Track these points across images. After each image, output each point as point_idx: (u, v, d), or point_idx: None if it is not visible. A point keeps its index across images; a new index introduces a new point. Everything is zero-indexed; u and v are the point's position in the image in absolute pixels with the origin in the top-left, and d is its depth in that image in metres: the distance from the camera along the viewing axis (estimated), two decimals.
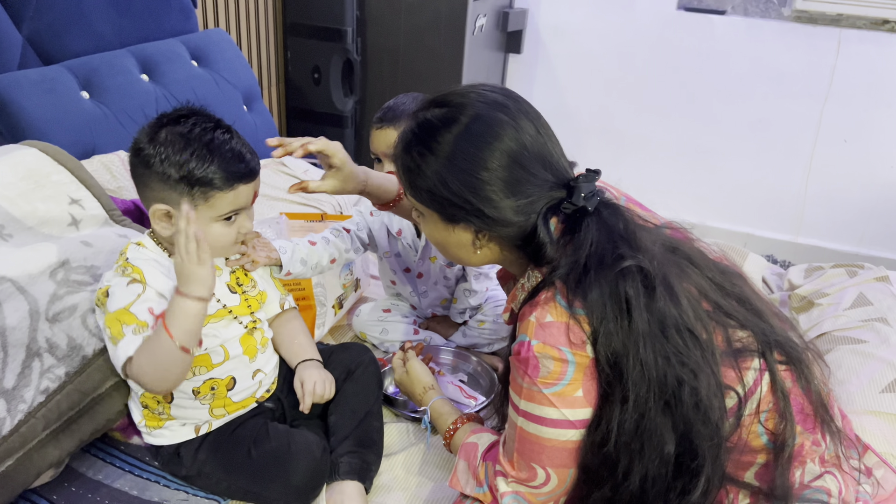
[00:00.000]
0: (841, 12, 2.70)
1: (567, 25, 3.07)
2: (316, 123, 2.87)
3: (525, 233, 0.93)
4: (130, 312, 1.04)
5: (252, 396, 1.21)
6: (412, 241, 1.56)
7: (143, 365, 1.03)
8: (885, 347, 1.43)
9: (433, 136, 0.93)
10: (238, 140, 1.11)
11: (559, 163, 0.95)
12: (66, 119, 1.70)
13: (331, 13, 2.65)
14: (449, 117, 0.94)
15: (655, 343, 0.85)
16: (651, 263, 0.87)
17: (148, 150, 1.06)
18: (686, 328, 0.86)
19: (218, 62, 2.19)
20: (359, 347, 1.34)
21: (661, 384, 0.85)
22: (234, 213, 1.11)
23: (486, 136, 0.91)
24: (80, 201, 1.35)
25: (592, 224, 0.90)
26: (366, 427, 1.22)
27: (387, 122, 1.46)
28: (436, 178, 0.93)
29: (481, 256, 0.99)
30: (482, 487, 1.02)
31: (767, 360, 0.91)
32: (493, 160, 0.91)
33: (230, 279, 1.19)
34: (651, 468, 0.87)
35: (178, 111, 1.10)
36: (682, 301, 0.87)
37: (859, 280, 1.68)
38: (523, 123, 0.93)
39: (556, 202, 0.92)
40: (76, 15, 1.83)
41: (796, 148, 2.92)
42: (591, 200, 0.90)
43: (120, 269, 1.09)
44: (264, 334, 1.23)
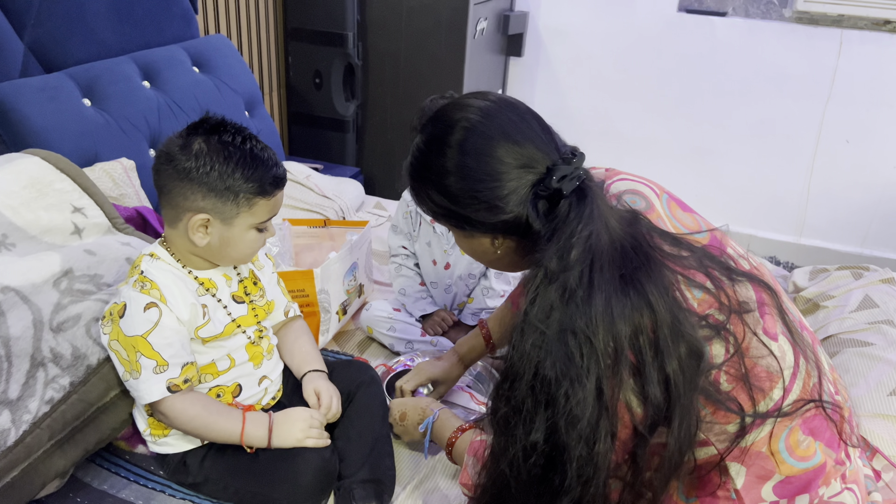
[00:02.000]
0: (842, 13, 2.70)
1: (568, 28, 3.07)
2: (317, 128, 2.87)
3: (521, 224, 0.91)
4: (147, 342, 1.06)
5: (258, 403, 1.20)
6: (443, 229, 1.61)
7: (186, 422, 1.11)
8: (892, 350, 1.42)
9: (441, 157, 0.94)
10: (268, 148, 1.13)
11: (538, 146, 0.91)
12: (68, 127, 1.70)
13: (332, 18, 2.65)
14: (426, 142, 0.97)
15: (538, 337, 0.81)
16: (583, 261, 0.82)
17: (187, 161, 1.06)
18: (585, 335, 0.80)
19: (219, 68, 2.19)
20: (360, 366, 1.32)
21: (535, 375, 0.81)
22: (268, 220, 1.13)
23: (447, 145, 0.92)
24: (82, 209, 1.35)
25: (564, 207, 0.86)
26: (378, 452, 1.20)
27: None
28: (433, 204, 0.97)
29: (504, 258, 0.99)
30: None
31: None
32: (465, 165, 0.91)
33: (238, 289, 1.19)
34: (517, 450, 0.84)
35: (207, 121, 1.11)
36: (595, 307, 0.80)
37: (865, 282, 1.67)
38: (478, 114, 0.92)
39: (536, 182, 0.90)
40: (77, 22, 1.83)
41: (798, 149, 2.91)
42: (567, 183, 0.86)
43: (138, 285, 1.09)
44: (270, 341, 1.23)
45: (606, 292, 0.80)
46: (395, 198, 2.43)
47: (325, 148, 2.88)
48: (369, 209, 2.30)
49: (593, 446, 0.80)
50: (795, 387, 0.90)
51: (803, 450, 0.89)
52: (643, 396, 0.82)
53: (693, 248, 0.91)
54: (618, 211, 0.90)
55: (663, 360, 0.81)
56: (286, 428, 1.11)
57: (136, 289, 1.08)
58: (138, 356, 1.05)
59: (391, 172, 2.94)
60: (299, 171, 2.18)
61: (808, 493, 0.90)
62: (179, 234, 1.10)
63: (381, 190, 2.93)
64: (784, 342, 0.91)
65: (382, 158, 2.93)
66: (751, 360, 0.87)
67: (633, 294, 0.81)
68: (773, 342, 0.90)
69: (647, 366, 0.81)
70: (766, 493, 0.89)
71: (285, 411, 1.15)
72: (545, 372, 0.80)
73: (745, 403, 0.86)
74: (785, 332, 0.92)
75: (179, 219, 1.09)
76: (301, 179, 2.14)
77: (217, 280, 1.15)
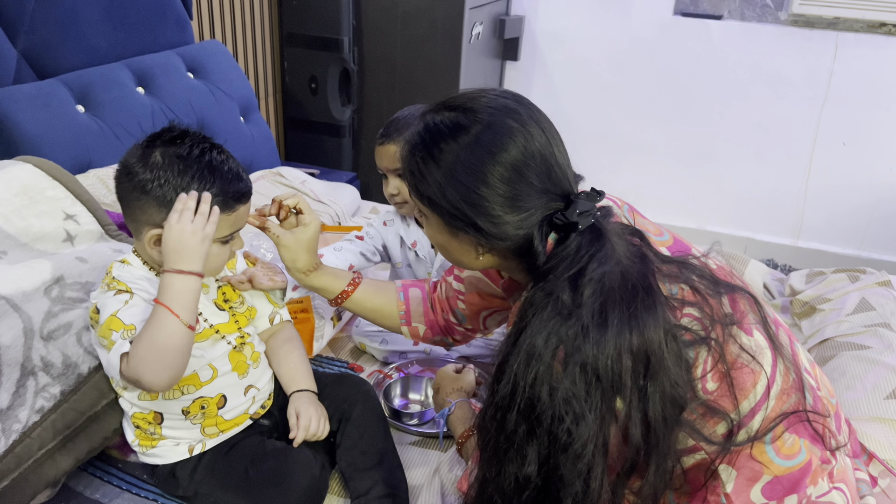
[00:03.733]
0: (838, 15, 2.70)
1: (564, 32, 3.07)
2: (314, 133, 2.86)
3: (523, 244, 0.91)
4: (118, 318, 1.01)
5: (245, 413, 1.19)
6: (427, 252, 1.57)
7: (143, 354, 0.96)
8: (888, 353, 1.42)
9: (437, 144, 0.90)
10: (232, 159, 1.09)
11: (564, 173, 0.91)
12: (61, 133, 1.69)
13: (327, 23, 2.65)
14: (456, 124, 0.90)
15: (544, 369, 0.80)
16: (596, 298, 0.81)
17: (143, 173, 1.03)
18: (594, 371, 0.79)
19: (214, 74, 2.19)
20: (354, 381, 1.29)
21: (533, 407, 0.81)
22: (232, 235, 1.10)
23: (491, 148, 0.88)
24: (74, 217, 1.34)
25: (575, 242, 0.85)
26: (388, 465, 1.18)
27: (388, 137, 1.46)
28: (436, 188, 0.90)
29: (483, 262, 0.97)
30: None
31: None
32: (493, 175, 0.88)
33: (217, 296, 1.17)
34: (509, 480, 0.83)
35: (168, 131, 1.07)
36: (607, 343, 0.79)
37: (861, 285, 1.67)
38: (533, 130, 0.89)
39: (551, 213, 0.89)
40: (71, 29, 1.83)
41: (795, 151, 2.91)
42: (584, 218, 0.86)
43: (105, 286, 1.07)
44: (255, 349, 1.20)
45: (617, 329, 0.80)
46: None
47: (322, 153, 2.88)
48: (365, 214, 2.29)
49: (590, 483, 0.80)
50: (776, 381, 0.89)
51: (788, 448, 0.88)
52: (624, 436, 0.82)
53: (685, 264, 0.91)
54: (627, 246, 0.88)
55: (647, 405, 0.81)
56: (173, 247, 0.99)
57: (104, 289, 1.06)
58: (112, 333, 1.00)
59: None
60: (295, 176, 2.18)
61: (797, 494, 0.89)
62: (143, 246, 1.07)
63: (377, 195, 2.91)
64: (760, 338, 0.91)
65: None
66: (732, 357, 0.87)
67: (636, 334, 0.80)
68: (750, 337, 0.90)
69: (633, 408, 0.80)
70: (756, 496, 0.89)
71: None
72: (546, 406, 0.79)
73: (729, 404, 0.86)
74: (760, 327, 0.92)
75: (140, 231, 1.06)
76: (296, 185, 2.14)
77: None
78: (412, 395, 1.48)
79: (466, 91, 0.94)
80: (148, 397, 1.11)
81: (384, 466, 1.18)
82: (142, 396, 1.12)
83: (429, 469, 1.27)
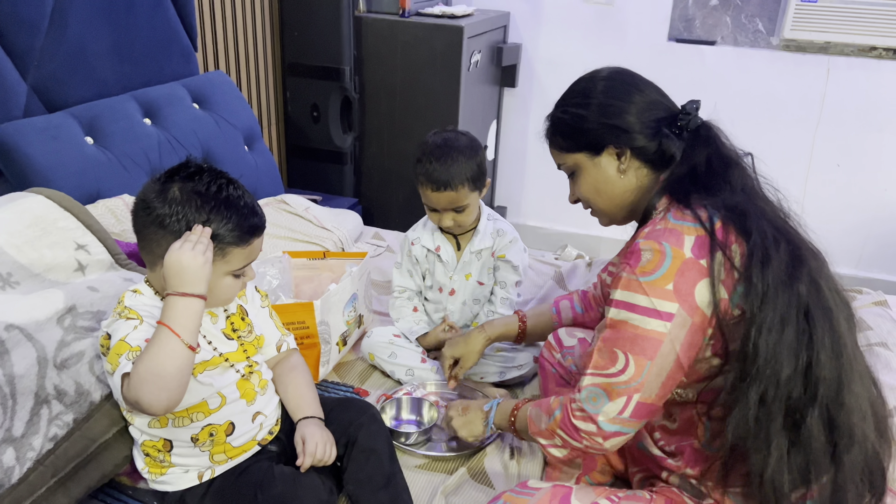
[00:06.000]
0: (829, 40, 2.76)
1: (560, 59, 3.12)
2: (316, 160, 2.90)
3: (654, 148, 1.13)
4: (126, 342, 1.03)
5: (253, 440, 1.20)
6: (449, 256, 1.67)
7: (144, 374, 0.97)
8: (886, 372, 1.44)
9: (586, 92, 1.17)
10: (248, 194, 1.13)
11: (671, 102, 1.18)
12: (70, 165, 1.73)
13: (329, 53, 2.70)
14: (589, 78, 1.19)
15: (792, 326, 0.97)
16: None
17: (161, 208, 1.06)
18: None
19: (219, 104, 2.23)
20: (359, 405, 1.31)
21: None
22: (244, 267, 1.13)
23: (626, 81, 1.16)
24: (85, 246, 1.37)
25: (694, 137, 1.12)
26: (395, 488, 1.20)
27: (448, 186, 1.53)
28: (590, 115, 1.14)
29: (626, 181, 1.16)
30: (554, 413, 1.10)
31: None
32: (635, 97, 1.14)
33: (226, 325, 1.19)
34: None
35: (185, 167, 1.10)
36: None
37: (858, 305, 1.69)
38: (641, 78, 1.19)
39: (672, 118, 1.14)
40: (79, 62, 1.87)
41: (791, 173, 2.95)
42: (696, 117, 1.13)
43: (116, 315, 1.09)
44: (262, 376, 1.22)
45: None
46: (394, 228, 2.46)
47: (324, 179, 2.92)
48: (368, 240, 2.32)
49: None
50: None
51: None
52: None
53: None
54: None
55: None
56: (175, 271, 1.01)
57: (115, 318, 1.08)
58: (118, 357, 1.02)
59: (389, 203, 2.97)
60: (298, 203, 2.21)
61: None
62: (157, 278, 1.10)
63: (379, 220, 2.96)
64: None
65: (380, 189, 2.97)
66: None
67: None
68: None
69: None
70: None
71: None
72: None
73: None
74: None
75: (155, 264, 1.08)
76: (300, 211, 2.17)
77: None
78: (406, 416, 1.49)
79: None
80: (157, 424, 1.13)
81: (391, 489, 1.19)
82: (151, 424, 1.13)
83: (435, 492, 1.28)
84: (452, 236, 1.67)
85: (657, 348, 1.00)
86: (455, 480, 1.31)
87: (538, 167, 3.34)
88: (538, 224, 3.44)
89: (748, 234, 1.01)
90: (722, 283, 1.00)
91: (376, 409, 1.30)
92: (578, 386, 1.07)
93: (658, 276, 1.00)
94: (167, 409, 1.01)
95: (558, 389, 1.45)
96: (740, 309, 0.99)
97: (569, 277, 2.08)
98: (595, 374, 1.05)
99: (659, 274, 1.00)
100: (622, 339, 1.03)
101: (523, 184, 3.41)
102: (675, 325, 1.00)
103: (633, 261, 1.04)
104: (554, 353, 1.47)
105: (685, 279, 1.00)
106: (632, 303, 1.02)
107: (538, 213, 3.44)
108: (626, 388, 1.02)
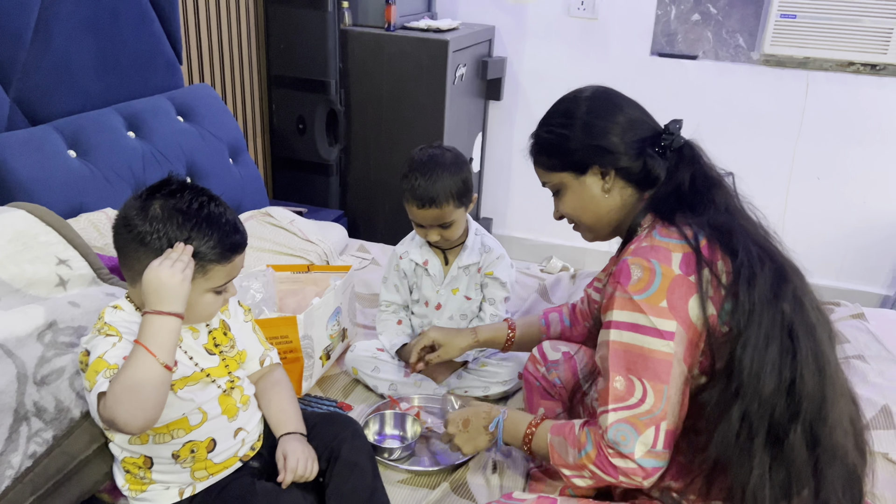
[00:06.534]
0: (808, 55, 2.80)
1: (545, 72, 3.15)
2: (302, 172, 2.91)
3: (638, 168, 1.15)
4: (104, 359, 1.02)
5: (235, 456, 1.19)
6: (437, 270, 1.67)
7: (119, 393, 0.96)
8: (863, 385, 1.46)
9: (570, 112, 1.19)
10: (230, 211, 1.12)
11: (653, 121, 1.20)
12: (53, 178, 1.72)
13: (314, 66, 2.71)
14: (572, 98, 1.21)
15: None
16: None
17: (142, 226, 1.05)
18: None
19: (203, 117, 2.23)
20: (342, 420, 1.30)
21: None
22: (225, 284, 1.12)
23: (609, 101, 1.19)
24: (67, 261, 1.36)
25: (677, 157, 1.14)
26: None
27: (434, 203, 1.52)
28: (574, 135, 1.16)
29: (611, 200, 1.18)
30: (586, 447, 1.07)
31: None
32: (618, 117, 1.16)
33: (208, 340, 1.19)
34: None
35: (167, 183, 1.10)
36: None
37: (836, 318, 1.72)
38: (624, 97, 1.21)
39: (655, 137, 1.16)
40: (63, 75, 1.87)
41: (772, 187, 2.99)
42: (679, 136, 1.15)
43: (96, 331, 1.08)
44: (244, 392, 1.22)
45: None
46: (379, 240, 2.46)
47: (310, 191, 2.92)
48: (353, 252, 2.33)
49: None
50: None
51: None
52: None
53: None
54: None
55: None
56: (153, 289, 1.01)
57: (95, 334, 1.07)
58: (96, 375, 1.01)
59: (375, 215, 2.98)
60: (283, 216, 2.21)
61: None
62: (138, 294, 1.09)
63: (365, 232, 2.96)
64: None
65: (366, 201, 2.97)
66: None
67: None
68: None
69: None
70: None
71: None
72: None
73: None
74: None
75: (136, 280, 1.07)
76: (285, 224, 2.17)
77: (182, 333, 1.12)
78: (389, 431, 1.49)
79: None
80: (138, 441, 1.12)
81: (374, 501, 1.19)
82: (132, 441, 1.13)
83: None
84: (440, 250, 1.68)
85: (668, 370, 1.00)
86: (437, 495, 1.31)
87: (523, 179, 3.36)
88: (523, 235, 3.46)
89: (734, 252, 1.02)
90: (710, 299, 1.01)
91: (359, 425, 1.31)
92: (601, 424, 1.05)
93: (651, 294, 1.01)
94: (143, 429, 1.01)
95: (543, 402, 1.46)
96: (728, 326, 1.00)
97: (553, 290, 2.09)
98: (618, 409, 1.03)
99: (651, 291, 1.01)
100: (632, 363, 1.02)
101: (508, 196, 3.43)
102: (678, 344, 1.01)
103: (622, 279, 1.04)
104: (538, 367, 1.48)
105: (677, 295, 1.01)
106: (633, 322, 1.03)
107: (523, 225, 3.45)
108: (650, 417, 1.01)
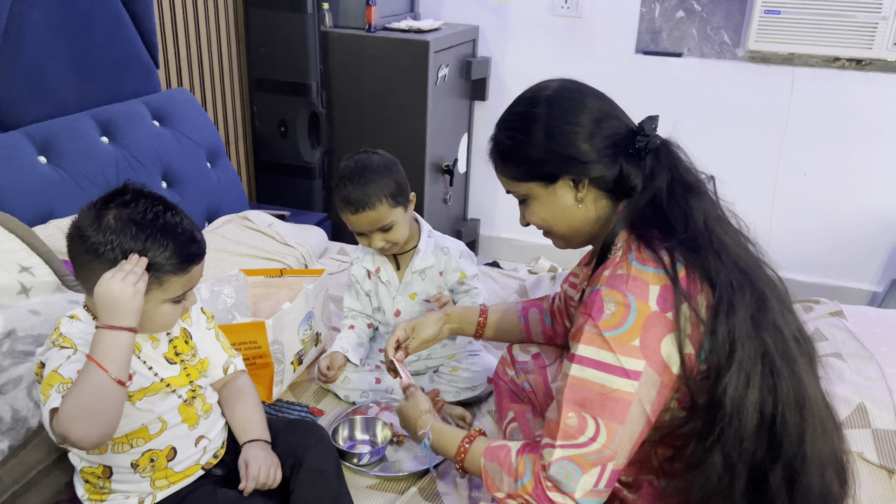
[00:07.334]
0: (793, 51, 2.78)
1: (530, 71, 3.11)
2: (285, 175, 2.89)
3: (613, 176, 1.06)
4: (58, 373, 1.00)
5: (197, 465, 1.17)
6: (390, 276, 1.64)
7: (71, 410, 0.94)
8: (839, 383, 1.44)
9: (529, 116, 1.09)
10: (186, 219, 1.09)
11: (624, 116, 1.11)
12: (22, 185, 1.70)
13: (295, 68, 2.70)
14: (532, 98, 1.11)
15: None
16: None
17: (95, 237, 1.02)
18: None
19: (180, 121, 2.22)
20: (307, 426, 1.28)
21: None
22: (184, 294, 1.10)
23: (572, 99, 1.08)
24: (30, 269, 1.35)
25: (654, 159, 1.06)
26: None
27: (365, 206, 1.49)
28: (537, 143, 1.07)
29: (585, 210, 1.09)
30: (523, 479, 1.02)
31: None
32: (582, 117, 1.06)
33: (168, 349, 1.16)
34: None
35: (121, 192, 1.06)
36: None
37: (814, 315, 1.70)
38: (589, 91, 1.12)
39: (629, 138, 1.07)
40: (36, 82, 1.85)
41: (759, 183, 2.97)
42: (655, 136, 1.06)
43: (51, 343, 1.06)
44: (206, 400, 1.20)
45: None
46: None
47: (293, 194, 2.90)
48: (332, 255, 2.31)
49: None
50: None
51: None
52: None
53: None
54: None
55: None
56: (105, 303, 0.98)
57: (49, 346, 1.05)
58: (50, 389, 0.99)
59: None
60: (261, 219, 2.20)
61: None
62: (94, 303, 1.05)
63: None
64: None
65: None
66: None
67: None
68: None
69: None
70: None
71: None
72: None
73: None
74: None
75: (91, 291, 1.04)
76: (262, 228, 2.15)
77: (141, 342, 1.12)
78: (359, 436, 1.47)
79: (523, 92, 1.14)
80: (96, 451, 1.10)
81: None
82: (91, 451, 1.11)
83: None
84: (392, 256, 1.65)
85: (626, 410, 0.96)
86: (406, 500, 1.29)
87: None
88: (511, 236, 3.45)
89: (713, 282, 0.97)
90: (688, 337, 0.96)
91: (324, 430, 1.29)
92: (546, 458, 1.01)
93: (623, 332, 0.96)
94: (97, 445, 0.98)
95: (512, 406, 1.44)
96: (707, 364, 0.96)
97: (533, 291, 2.07)
98: (565, 447, 0.99)
99: (624, 329, 0.96)
100: (589, 400, 0.98)
101: (496, 196, 3.41)
102: (643, 384, 0.96)
103: (594, 312, 0.98)
104: (507, 370, 1.46)
105: (651, 334, 0.96)
106: (596, 359, 0.97)
107: (511, 226, 3.44)
108: (598, 457, 0.97)
